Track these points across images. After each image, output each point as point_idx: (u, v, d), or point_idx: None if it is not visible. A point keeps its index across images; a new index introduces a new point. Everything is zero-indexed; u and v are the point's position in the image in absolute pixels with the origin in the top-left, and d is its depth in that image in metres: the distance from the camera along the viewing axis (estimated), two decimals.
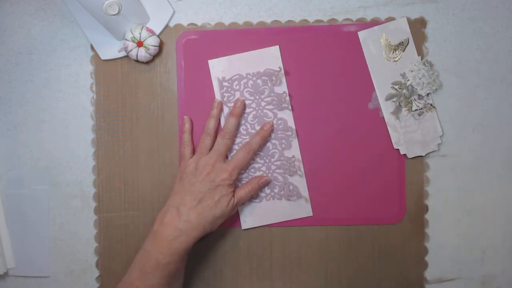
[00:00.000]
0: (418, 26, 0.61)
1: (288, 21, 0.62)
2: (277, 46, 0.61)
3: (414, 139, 0.61)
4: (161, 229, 0.55)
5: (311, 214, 0.61)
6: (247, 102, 0.61)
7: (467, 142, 0.62)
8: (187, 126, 0.61)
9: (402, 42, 0.61)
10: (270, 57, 0.61)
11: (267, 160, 0.61)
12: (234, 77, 0.61)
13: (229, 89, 0.61)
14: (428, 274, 0.62)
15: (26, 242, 0.63)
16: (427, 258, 0.62)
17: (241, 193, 0.58)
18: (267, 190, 0.62)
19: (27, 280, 0.64)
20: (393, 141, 0.61)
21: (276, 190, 0.61)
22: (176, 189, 0.57)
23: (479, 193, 0.62)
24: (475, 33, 0.62)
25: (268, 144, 0.61)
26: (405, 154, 0.61)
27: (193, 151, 0.61)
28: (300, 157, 0.61)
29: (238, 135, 0.61)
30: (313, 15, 0.62)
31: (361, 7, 0.62)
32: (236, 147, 0.61)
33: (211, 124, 0.60)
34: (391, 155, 0.61)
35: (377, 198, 0.62)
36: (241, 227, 0.62)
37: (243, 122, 0.61)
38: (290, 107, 0.61)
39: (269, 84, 0.61)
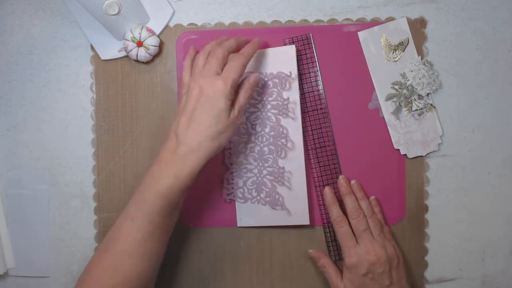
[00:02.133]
0: (418, 26, 0.61)
1: (288, 21, 0.62)
2: (293, 46, 0.59)
3: (414, 139, 0.61)
4: (161, 153, 0.52)
5: (308, 222, 0.60)
6: (253, 101, 0.60)
7: (467, 142, 0.62)
8: (191, 51, 0.57)
9: (402, 42, 0.61)
10: (285, 57, 0.59)
11: (260, 164, 0.61)
12: (245, 75, 0.57)
13: None
14: (428, 274, 0.62)
15: (26, 242, 0.63)
16: (427, 258, 0.62)
17: (239, 101, 0.54)
18: (254, 193, 0.61)
19: (27, 280, 0.64)
20: (393, 141, 0.61)
21: (262, 195, 0.61)
22: (177, 109, 0.54)
23: (479, 193, 0.62)
24: (475, 33, 0.62)
25: (265, 148, 0.60)
26: (405, 154, 0.61)
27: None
28: (291, 170, 0.60)
29: (237, 133, 0.61)
30: (313, 15, 0.62)
31: (361, 7, 0.62)
32: (233, 147, 0.61)
33: (209, 47, 0.55)
34: (391, 155, 0.61)
35: (377, 199, 0.62)
36: (242, 226, 0.62)
37: (244, 120, 0.61)
38: (294, 115, 0.60)
39: (278, 88, 0.60)
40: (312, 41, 0.61)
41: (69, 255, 0.63)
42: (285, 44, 0.61)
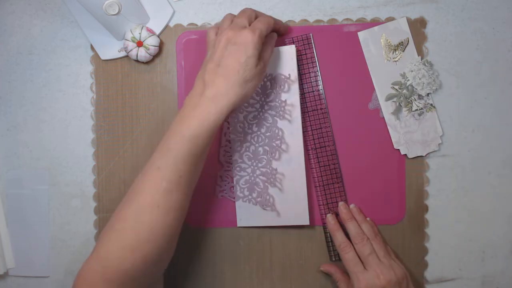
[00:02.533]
0: (418, 26, 0.61)
1: (288, 21, 0.62)
2: (293, 46, 0.59)
3: (415, 139, 0.61)
4: (187, 101, 0.50)
5: (307, 223, 0.60)
6: (252, 101, 0.60)
7: (467, 142, 0.62)
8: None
9: (402, 42, 0.61)
10: (285, 57, 0.59)
11: (254, 163, 0.61)
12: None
13: None
14: (428, 274, 0.62)
15: (26, 242, 0.63)
16: (427, 258, 0.62)
17: (265, 54, 0.54)
18: (246, 191, 0.61)
19: (27, 280, 0.64)
20: (393, 141, 0.61)
21: (254, 195, 0.61)
22: (202, 64, 0.53)
23: (479, 193, 0.62)
24: (475, 33, 0.62)
25: (260, 148, 0.60)
26: (405, 154, 0.61)
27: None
28: (284, 172, 0.60)
29: (234, 131, 0.61)
30: (313, 15, 0.62)
31: (361, 7, 0.62)
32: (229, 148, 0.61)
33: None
34: (391, 156, 0.61)
35: (377, 199, 0.62)
36: (242, 226, 0.62)
37: (241, 119, 0.61)
38: (291, 118, 0.59)
39: (277, 89, 0.60)
40: (312, 41, 0.61)
41: (69, 255, 0.63)
42: (285, 44, 0.61)
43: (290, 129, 0.60)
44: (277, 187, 0.60)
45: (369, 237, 0.58)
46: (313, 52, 0.61)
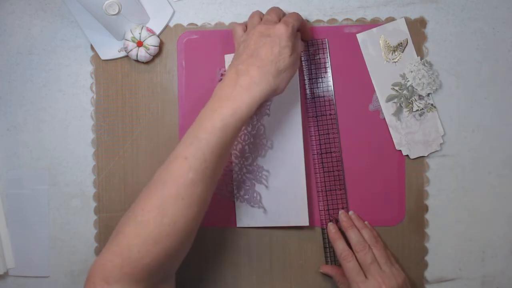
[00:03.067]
0: (418, 26, 0.61)
1: None
2: None
3: (416, 139, 0.61)
4: (218, 91, 0.49)
5: (307, 223, 0.60)
6: None
7: (467, 142, 0.62)
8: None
9: (401, 43, 0.61)
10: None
11: (241, 161, 0.61)
12: None
13: None
14: (428, 274, 0.62)
15: (26, 242, 0.63)
16: (427, 258, 0.62)
17: (298, 46, 0.54)
18: (234, 189, 0.61)
19: (27, 280, 0.64)
20: (395, 142, 0.61)
21: (241, 193, 0.61)
22: (235, 55, 0.53)
23: (479, 193, 0.62)
24: (475, 33, 0.62)
25: (246, 146, 0.61)
26: (406, 155, 0.61)
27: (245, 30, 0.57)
28: (269, 169, 0.60)
29: None
30: (313, 15, 0.62)
31: (361, 7, 0.62)
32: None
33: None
34: (392, 156, 0.61)
35: (377, 200, 0.62)
36: (242, 227, 0.62)
37: None
38: (269, 111, 0.60)
39: None
40: (327, 47, 0.61)
41: (69, 255, 0.63)
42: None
43: (269, 124, 0.60)
44: (263, 184, 0.60)
45: (370, 243, 0.58)
46: (327, 57, 0.61)
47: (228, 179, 0.62)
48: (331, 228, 0.60)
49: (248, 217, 0.61)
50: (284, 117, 0.60)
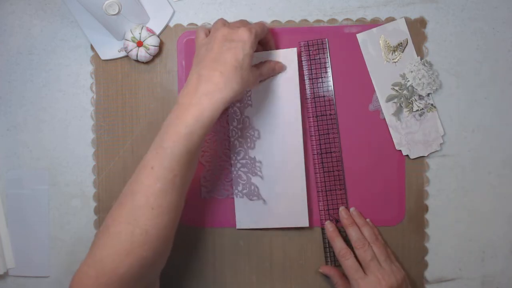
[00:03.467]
0: (418, 26, 0.61)
1: (288, 21, 0.62)
2: (295, 49, 0.59)
3: (416, 139, 0.61)
4: (181, 99, 0.49)
5: (307, 224, 0.60)
6: None
7: (467, 142, 0.62)
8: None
9: (401, 43, 0.61)
10: (286, 60, 0.59)
11: (233, 158, 0.61)
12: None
13: None
14: (428, 274, 0.62)
15: (26, 242, 0.63)
16: (427, 258, 0.62)
17: (264, 68, 0.55)
18: (231, 187, 0.62)
19: (27, 280, 0.64)
20: (395, 142, 0.61)
21: (239, 188, 0.61)
22: (195, 60, 0.52)
23: (479, 193, 0.62)
24: (475, 33, 0.62)
25: (236, 142, 0.61)
26: (406, 155, 0.61)
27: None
28: (261, 159, 0.60)
29: (213, 131, 0.61)
30: (313, 15, 0.62)
31: (361, 7, 0.62)
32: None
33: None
34: (392, 156, 0.61)
35: (377, 200, 0.62)
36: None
37: (220, 119, 0.61)
38: (250, 102, 0.60)
39: None
40: (327, 47, 0.61)
41: (69, 255, 0.63)
42: (299, 47, 0.61)
43: (253, 114, 0.60)
44: (258, 175, 0.60)
45: (370, 241, 0.58)
46: (327, 57, 0.61)
47: (224, 178, 0.62)
48: (329, 226, 0.60)
49: (248, 219, 0.61)
50: (282, 115, 0.60)
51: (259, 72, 0.55)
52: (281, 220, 0.61)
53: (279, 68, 0.59)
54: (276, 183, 0.61)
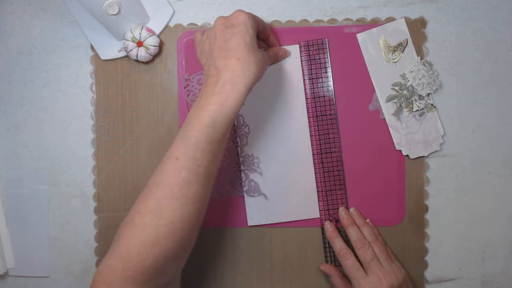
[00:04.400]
0: (418, 26, 0.61)
1: (288, 21, 0.62)
2: (297, 46, 0.61)
3: (416, 139, 0.61)
4: (204, 90, 0.49)
5: (318, 215, 0.61)
6: None
7: (467, 142, 0.62)
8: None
9: (401, 43, 0.61)
10: (289, 56, 0.61)
11: (229, 157, 0.61)
12: (198, 75, 0.61)
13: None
14: (428, 274, 0.62)
15: (26, 242, 0.63)
16: (427, 258, 0.62)
17: (271, 52, 0.56)
18: (230, 186, 0.62)
19: (27, 280, 0.64)
20: (395, 142, 0.61)
21: (239, 187, 0.61)
22: (201, 57, 0.52)
23: (479, 193, 0.62)
24: (475, 33, 0.62)
25: (231, 142, 0.61)
26: (406, 155, 0.61)
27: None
28: (259, 155, 0.61)
29: None
30: (313, 15, 0.62)
31: (361, 7, 0.62)
32: None
33: None
34: (392, 156, 0.61)
35: (377, 200, 0.62)
36: (241, 226, 0.62)
37: None
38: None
39: None
40: (327, 47, 0.61)
41: (69, 255, 0.63)
42: (300, 47, 0.61)
43: (245, 112, 0.61)
44: (257, 172, 0.61)
45: (370, 241, 0.58)
46: (327, 57, 0.61)
47: (223, 179, 0.62)
48: (328, 226, 0.60)
49: (259, 215, 0.61)
50: (285, 110, 0.61)
51: (268, 54, 0.54)
52: (291, 214, 0.61)
53: (283, 54, 0.59)
54: (282, 178, 0.61)
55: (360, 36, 0.61)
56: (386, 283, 0.55)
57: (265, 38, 0.59)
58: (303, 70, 0.61)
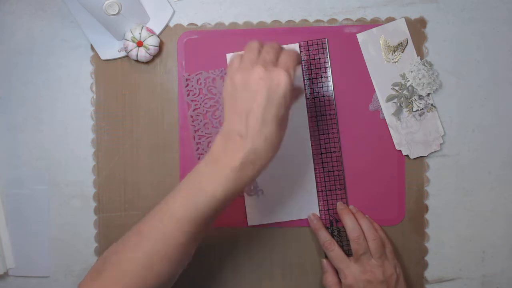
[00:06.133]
0: (418, 26, 0.61)
1: (288, 21, 0.62)
2: (297, 45, 0.61)
3: (416, 139, 0.61)
4: (223, 158, 0.45)
5: (318, 214, 0.61)
6: (211, 100, 0.61)
7: (467, 142, 0.62)
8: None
9: (401, 43, 0.61)
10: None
11: None
12: (197, 75, 0.61)
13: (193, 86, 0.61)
14: (428, 274, 0.62)
15: (26, 242, 0.63)
16: (427, 258, 0.62)
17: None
18: None
19: (27, 280, 0.64)
20: (395, 142, 0.61)
21: None
22: (230, 107, 0.47)
23: (479, 193, 0.62)
24: (475, 33, 0.62)
25: None
26: (406, 155, 0.61)
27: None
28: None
29: (202, 133, 0.61)
30: (313, 15, 0.62)
31: (361, 7, 0.62)
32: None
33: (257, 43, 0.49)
34: (392, 156, 0.61)
35: (377, 200, 0.62)
36: (242, 227, 0.62)
37: (207, 120, 0.61)
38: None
39: None
40: (327, 47, 0.61)
41: (69, 255, 0.63)
42: (300, 47, 0.61)
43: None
44: None
45: (368, 237, 0.58)
46: (327, 57, 0.61)
47: None
48: (312, 218, 0.60)
49: (259, 215, 0.61)
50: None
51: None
52: (292, 213, 0.61)
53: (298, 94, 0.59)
54: (282, 178, 0.61)
55: (360, 36, 0.61)
56: (371, 273, 0.55)
57: None
58: (303, 70, 0.61)
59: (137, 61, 0.61)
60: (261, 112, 0.45)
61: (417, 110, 0.61)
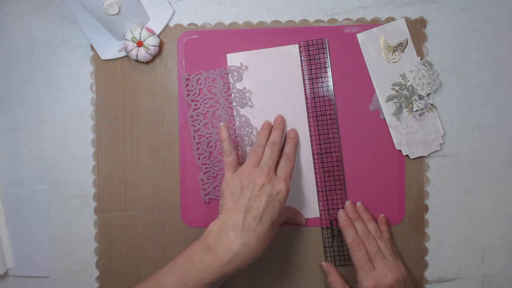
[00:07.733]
0: (418, 26, 0.61)
1: (288, 21, 0.62)
2: (297, 45, 0.61)
3: (416, 139, 0.61)
4: (216, 248, 0.51)
5: (318, 215, 0.61)
6: (211, 100, 0.61)
7: (467, 142, 0.62)
8: (225, 134, 0.57)
9: (401, 43, 0.61)
10: (288, 57, 0.61)
11: None
12: (198, 75, 0.61)
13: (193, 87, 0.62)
14: (428, 274, 0.62)
15: (26, 242, 0.63)
16: (427, 258, 0.62)
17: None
18: None
19: (27, 280, 0.64)
20: (395, 142, 0.61)
21: None
22: (231, 204, 0.53)
23: (479, 193, 0.62)
24: (475, 33, 0.62)
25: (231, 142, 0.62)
26: (406, 155, 0.61)
27: (237, 160, 0.57)
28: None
29: (202, 133, 0.61)
30: (313, 15, 0.62)
31: (361, 7, 0.62)
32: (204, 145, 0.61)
33: (264, 137, 0.59)
34: (392, 156, 0.61)
35: (377, 200, 0.62)
36: None
37: (207, 120, 0.61)
38: (250, 103, 0.61)
39: (231, 81, 0.61)
40: (327, 47, 0.61)
41: (69, 255, 0.63)
42: (300, 47, 0.61)
43: (251, 114, 0.61)
44: None
45: (375, 236, 0.58)
46: (327, 57, 0.61)
47: (222, 178, 0.61)
48: (342, 215, 0.60)
49: None
50: (285, 111, 0.61)
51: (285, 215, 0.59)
52: None
53: (299, 220, 0.62)
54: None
55: (360, 36, 0.61)
56: (391, 276, 0.55)
57: None
58: (302, 70, 0.61)
59: (137, 61, 0.61)
60: (260, 213, 0.52)
61: (417, 110, 0.61)
